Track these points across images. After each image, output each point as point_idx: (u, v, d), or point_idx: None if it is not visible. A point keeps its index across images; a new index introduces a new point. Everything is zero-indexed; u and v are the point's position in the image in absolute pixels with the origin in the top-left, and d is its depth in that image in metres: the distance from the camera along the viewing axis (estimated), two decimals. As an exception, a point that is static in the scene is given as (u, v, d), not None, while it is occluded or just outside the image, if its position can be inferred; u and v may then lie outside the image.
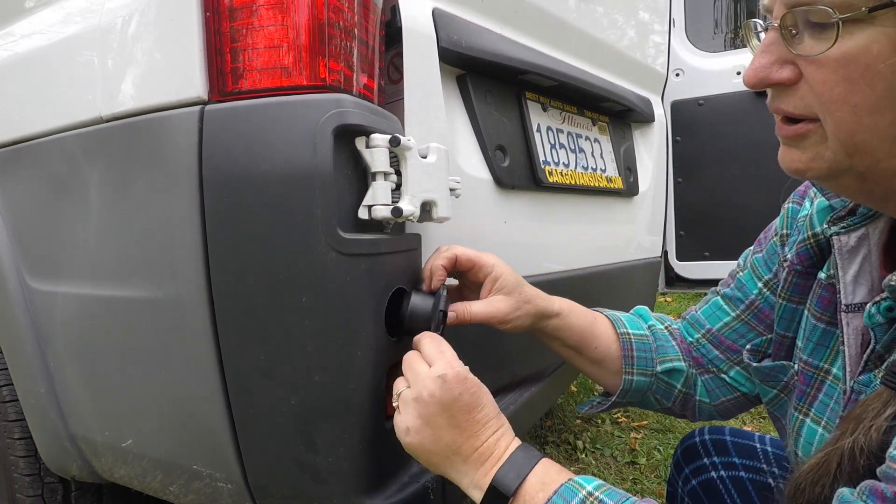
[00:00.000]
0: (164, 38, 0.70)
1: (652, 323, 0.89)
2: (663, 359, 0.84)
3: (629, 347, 0.84)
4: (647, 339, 0.85)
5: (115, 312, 0.80)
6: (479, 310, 0.76)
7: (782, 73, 0.49)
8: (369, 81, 0.73)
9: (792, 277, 0.70)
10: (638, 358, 0.83)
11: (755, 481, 0.91)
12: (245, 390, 0.70)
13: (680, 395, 0.85)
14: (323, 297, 0.65)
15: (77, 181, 0.82)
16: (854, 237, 0.60)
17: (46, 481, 1.05)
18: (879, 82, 0.43)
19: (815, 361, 0.66)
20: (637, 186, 1.61)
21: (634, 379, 0.83)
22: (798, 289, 0.70)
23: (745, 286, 0.81)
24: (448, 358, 0.63)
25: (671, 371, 0.84)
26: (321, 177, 0.63)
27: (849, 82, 0.44)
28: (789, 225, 0.75)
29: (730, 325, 0.82)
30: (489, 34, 1.02)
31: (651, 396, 0.85)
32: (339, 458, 0.70)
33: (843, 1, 0.42)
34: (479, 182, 1.01)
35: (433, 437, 0.62)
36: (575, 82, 1.23)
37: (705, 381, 0.85)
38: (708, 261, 2.07)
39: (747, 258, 0.83)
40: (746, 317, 0.80)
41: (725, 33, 2.19)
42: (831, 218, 0.62)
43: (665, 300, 4.70)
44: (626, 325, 0.86)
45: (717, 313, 0.84)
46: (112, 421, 0.86)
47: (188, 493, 0.82)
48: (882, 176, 0.48)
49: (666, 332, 0.88)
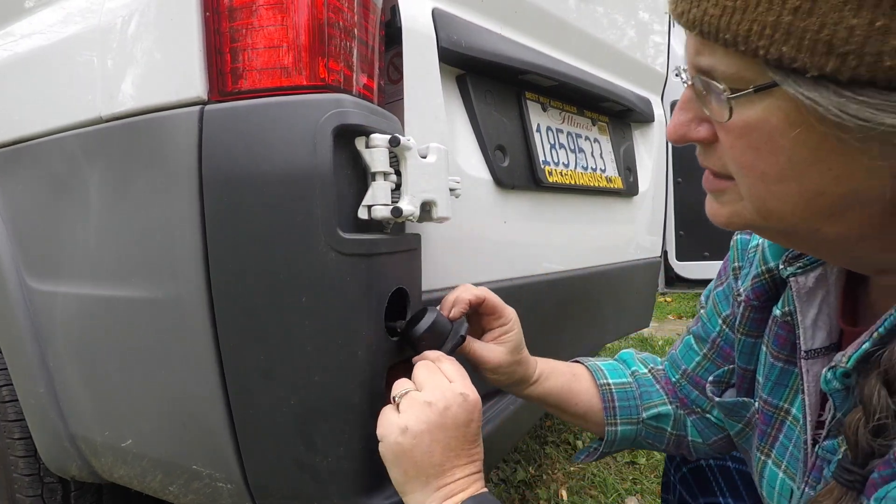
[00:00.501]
0: (164, 37, 0.70)
1: (635, 368, 0.88)
2: (648, 405, 0.83)
3: (610, 398, 0.83)
4: (630, 387, 0.85)
5: (114, 312, 0.80)
6: (478, 349, 0.77)
7: (700, 132, 0.49)
8: (369, 81, 0.73)
9: (749, 312, 0.68)
10: (620, 408, 0.83)
11: (741, 472, 0.92)
12: (245, 390, 0.70)
13: (672, 438, 0.84)
14: (323, 298, 0.65)
15: (77, 181, 0.82)
16: (812, 277, 0.58)
17: (46, 481, 1.05)
18: (781, 154, 0.42)
19: (774, 401, 0.65)
20: (637, 186, 1.61)
21: (619, 429, 0.83)
22: (756, 324, 0.68)
23: (707, 324, 0.81)
24: (469, 383, 0.63)
25: (658, 416, 0.83)
26: (321, 177, 0.63)
27: (754, 150, 0.44)
28: (740, 257, 0.73)
29: (701, 364, 0.81)
30: (489, 34, 1.02)
31: (642, 441, 0.85)
32: (339, 458, 0.70)
33: (733, 74, 0.42)
34: (478, 182, 1.01)
35: (427, 449, 0.59)
36: (575, 82, 1.23)
37: (694, 422, 0.84)
38: (708, 261, 2.07)
39: (710, 295, 0.82)
40: (712, 355, 0.80)
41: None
42: (786, 257, 0.60)
43: (665, 300, 4.70)
44: (607, 375, 0.86)
45: (689, 353, 0.83)
46: (112, 421, 0.86)
47: (188, 493, 0.82)
48: (802, 234, 0.47)
49: (649, 377, 0.87)
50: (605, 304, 1.52)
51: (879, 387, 0.43)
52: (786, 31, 0.37)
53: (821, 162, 0.41)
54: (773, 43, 0.38)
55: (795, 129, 0.40)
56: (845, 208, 0.43)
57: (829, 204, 0.43)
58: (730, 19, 0.39)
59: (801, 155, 0.41)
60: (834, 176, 0.41)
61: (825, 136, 0.39)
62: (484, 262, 1.03)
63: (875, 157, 0.38)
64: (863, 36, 0.34)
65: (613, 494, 1.80)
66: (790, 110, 0.40)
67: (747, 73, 0.41)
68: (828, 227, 0.45)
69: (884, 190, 0.40)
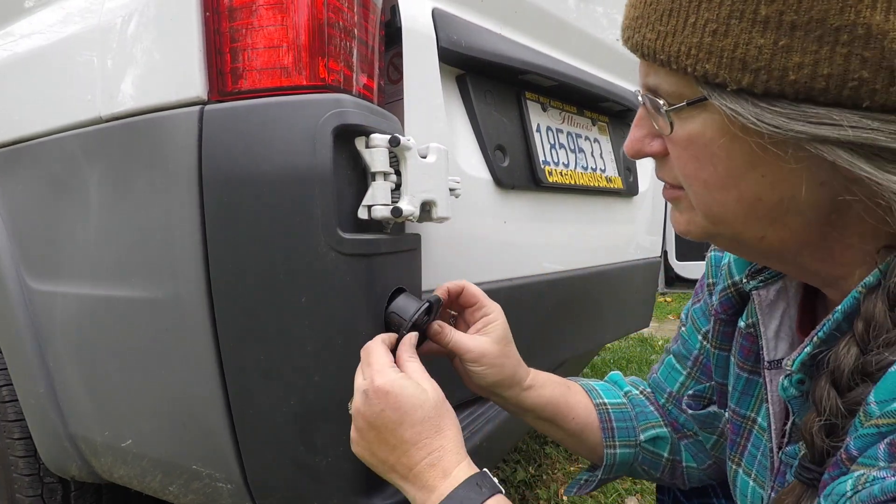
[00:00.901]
0: (164, 37, 0.70)
1: (628, 389, 0.85)
2: (645, 426, 0.81)
3: (607, 418, 0.80)
4: (626, 408, 0.82)
5: (114, 312, 0.80)
6: (460, 339, 0.73)
7: (653, 147, 0.53)
8: (369, 81, 0.73)
9: (719, 326, 0.70)
10: (618, 429, 0.80)
11: None
12: (245, 390, 0.70)
13: (668, 465, 0.81)
14: (323, 297, 0.65)
15: (77, 181, 0.82)
16: (773, 290, 0.61)
17: (46, 481, 1.05)
18: (719, 163, 0.46)
19: (741, 410, 0.66)
20: (637, 186, 1.61)
21: (618, 452, 0.79)
22: (726, 337, 0.69)
23: (688, 341, 0.80)
24: (375, 368, 0.60)
25: (655, 439, 0.80)
26: (321, 177, 0.63)
27: (696, 160, 0.48)
28: (714, 273, 0.74)
29: (685, 384, 0.80)
30: (489, 34, 1.02)
31: (638, 468, 0.81)
32: (339, 458, 0.69)
33: (673, 91, 0.47)
34: (478, 182, 1.01)
35: (369, 451, 0.60)
36: (575, 82, 1.23)
37: (687, 446, 0.81)
38: (708, 261, 2.07)
39: (688, 312, 0.81)
40: (695, 373, 0.79)
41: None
42: (749, 271, 0.63)
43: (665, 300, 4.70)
44: (602, 395, 0.82)
45: (672, 374, 0.82)
46: (112, 421, 0.86)
47: (188, 493, 0.82)
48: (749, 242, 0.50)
49: (642, 398, 0.85)
50: (604, 304, 1.52)
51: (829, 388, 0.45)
52: (707, 51, 0.42)
53: (754, 169, 0.45)
54: (699, 61, 0.43)
55: (726, 139, 0.45)
56: (784, 214, 0.46)
57: (768, 209, 0.46)
58: (663, 42, 0.45)
59: (735, 163, 0.46)
60: (768, 182, 0.45)
61: (751, 144, 0.43)
62: (484, 262, 1.03)
63: (790, 162, 0.42)
64: (769, 54, 0.40)
65: (613, 494, 1.80)
66: (721, 122, 0.44)
67: (684, 90, 0.46)
68: (771, 234, 0.48)
69: (816, 198, 0.44)
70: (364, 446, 0.61)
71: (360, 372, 0.62)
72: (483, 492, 0.56)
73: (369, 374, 0.60)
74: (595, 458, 0.82)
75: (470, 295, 0.77)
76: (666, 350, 0.86)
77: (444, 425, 0.60)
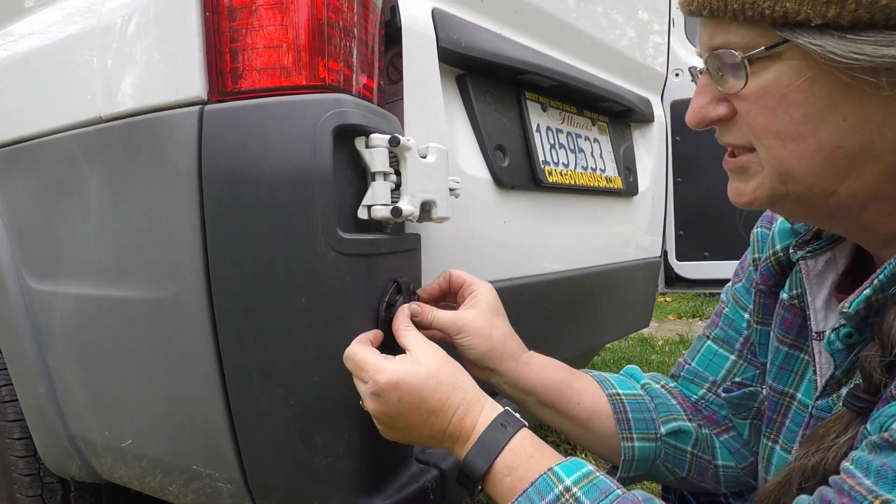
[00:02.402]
0: (164, 37, 0.70)
1: (646, 382, 0.80)
2: (666, 418, 0.75)
3: (622, 409, 0.74)
4: (643, 399, 0.76)
5: (114, 312, 0.80)
6: (442, 316, 0.72)
7: (718, 111, 0.53)
8: (369, 81, 0.73)
9: (759, 298, 0.68)
10: (635, 420, 0.74)
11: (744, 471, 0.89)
12: (245, 390, 0.70)
13: (694, 461, 0.75)
14: (322, 297, 0.65)
15: (77, 181, 0.82)
16: (821, 261, 0.60)
17: (46, 481, 1.05)
18: (796, 110, 0.46)
19: (779, 386, 0.65)
20: (636, 186, 1.61)
21: (636, 446, 0.73)
22: (766, 310, 0.68)
23: (734, 322, 0.76)
24: (371, 369, 0.60)
25: (677, 432, 0.74)
26: (321, 177, 0.63)
27: (770, 111, 0.47)
28: (760, 248, 0.73)
29: (732, 370, 0.75)
30: (489, 34, 1.02)
31: (661, 465, 0.75)
32: (339, 458, 0.69)
33: (746, 43, 0.46)
34: (478, 182, 1.01)
35: (403, 434, 0.63)
36: (574, 82, 1.23)
37: (725, 442, 0.75)
38: (708, 261, 2.07)
39: (728, 293, 0.78)
40: (746, 354, 0.74)
41: (725, 33, 2.18)
42: (797, 242, 0.62)
43: (665, 300, 4.70)
44: (616, 385, 0.77)
45: (714, 361, 0.77)
46: (112, 421, 0.86)
47: (187, 493, 0.82)
48: (818, 199, 0.50)
49: (664, 391, 0.79)
50: (604, 304, 1.52)
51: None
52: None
53: (834, 112, 0.45)
54: (777, 2, 0.42)
55: (805, 81, 0.44)
56: (861, 163, 0.46)
57: (845, 158, 0.46)
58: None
59: (814, 107, 0.45)
60: (850, 125, 0.45)
61: (836, 82, 0.43)
62: (484, 262, 1.03)
63: (885, 89, 0.42)
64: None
65: (613, 494, 1.79)
66: (800, 65, 0.44)
67: (759, 39, 0.45)
68: (843, 188, 0.48)
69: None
70: (396, 434, 0.63)
71: (357, 380, 0.63)
72: (508, 431, 0.58)
73: (369, 376, 0.60)
74: (612, 456, 0.76)
75: (456, 279, 0.77)
76: (700, 338, 0.81)
77: (457, 380, 0.62)
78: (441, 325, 0.72)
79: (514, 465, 0.56)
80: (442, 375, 0.61)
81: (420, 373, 0.60)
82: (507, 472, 0.56)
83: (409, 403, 0.60)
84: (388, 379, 0.59)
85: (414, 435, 0.62)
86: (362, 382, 0.62)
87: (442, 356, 0.63)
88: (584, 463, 0.56)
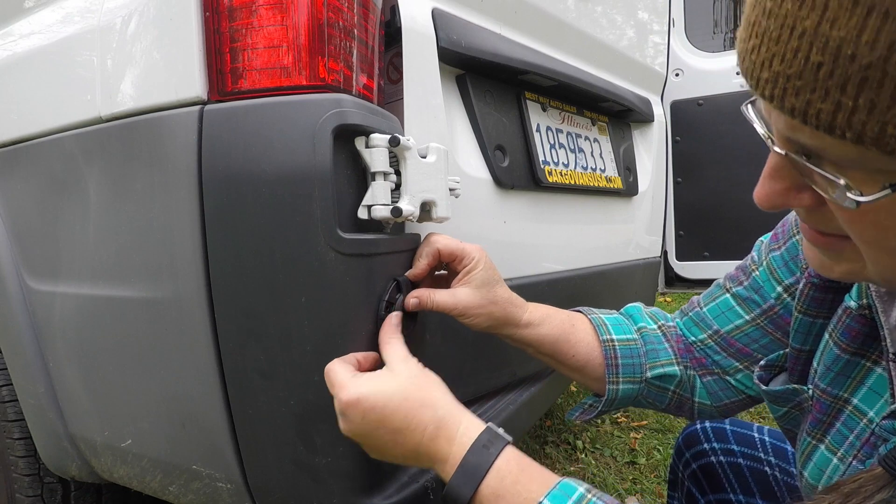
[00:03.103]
0: (164, 37, 0.70)
1: (642, 324, 0.83)
2: (654, 364, 0.79)
3: (613, 355, 0.79)
4: (636, 344, 0.80)
5: (114, 312, 0.80)
6: (441, 299, 0.73)
7: (802, 200, 0.44)
8: (369, 81, 0.73)
9: (809, 290, 0.64)
10: (623, 366, 0.79)
11: (753, 469, 0.90)
12: (244, 390, 0.70)
13: (675, 398, 0.81)
14: (322, 297, 0.65)
15: (76, 181, 0.82)
16: None
17: (46, 481, 1.05)
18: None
19: (833, 391, 0.61)
20: (636, 186, 1.61)
21: (620, 388, 0.79)
22: (815, 302, 0.64)
23: (762, 288, 0.74)
24: (337, 387, 0.60)
25: (663, 376, 0.79)
26: (320, 177, 0.63)
27: (880, 229, 0.40)
28: None
29: (742, 328, 0.76)
30: (488, 34, 1.02)
31: (643, 400, 0.82)
32: (339, 458, 0.69)
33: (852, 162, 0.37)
34: (478, 182, 1.01)
35: (381, 453, 0.62)
36: (574, 82, 1.23)
37: (707, 383, 0.80)
38: (708, 261, 2.07)
39: (762, 253, 0.76)
40: (762, 322, 0.74)
41: (725, 33, 2.19)
42: None
43: (665, 300, 4.70)
44: (611, 331, 0.81)
45: (726, 314, 0.78)
46: (111, 421, 0.86)
47: (187, 493, 0.82)
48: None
49: (658, 334, 0.83)
50: (604, 304, 1.52)
51: None
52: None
53: None
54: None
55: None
56: None
57: None
58: (850, 118, 0.34)
59: None
60: None
61: None
62: (484, 262, 1.03)
63: None
64: None
65: (613, 494, 1.79)
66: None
67: (871, 162, 0.36)
68: None
69: None
70: (376, 454, 0.62)
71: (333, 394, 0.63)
72: (491, 452, 0.56)
73: (335, 392, 0.61)
74: (599, 389, 0.82)
75: (444, 250, 0.76)
76: (719, 286, 0.80)
77: (428, 396, 0.59)
78: (443, 310, 0.74)
79: (500, 491, 0.54)
80: (410, 391, 0.59)
81: (384, 390, 0.59)
82: (494, 499, 0.54)
83: (371, 422, 0.58)
84: (347, 397, 0.59)
85: (391, 454, 0.61)
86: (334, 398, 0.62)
87: (416, 371, 0.61)
88: (574, 487, 0.54)
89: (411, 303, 0.72)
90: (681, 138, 2.02)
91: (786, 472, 0.90)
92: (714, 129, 1.99)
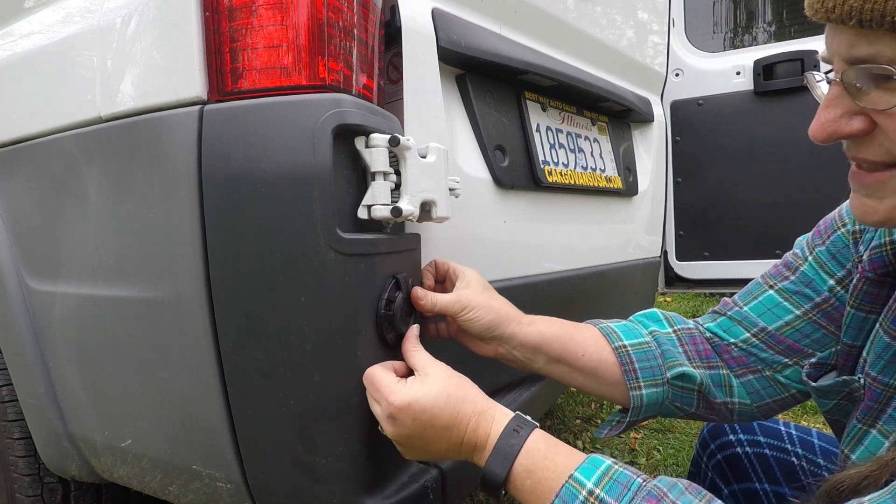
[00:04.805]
0: (164, 37, 0.70)
1: (653, 328, 0.82)
2: (671, 363, 0.78)
3: (628, 360, 0.77)
4: (650, 346, 0.79)
5: (114, 312, 0.80)
6: (441, 298, 0.76)
7: (853, 126, 0.48)
8: (369, 81, 0.73)
9: (863, 285, 0.65)
10: (642, 369, 0.77)
11: (780, 460, 0.89)
12: (244, 390, 0.70)
13: (701, 399, 0.79)
14: (322, 297, 0.65)
15: (76, 181, 0.82)
16: None
17: (46, 481, 1.05)
18: None
19: (885, 379, 0.62)
20: (636, 186, 1.61)
21: (644, 393, 0.77)
22: (869, 297, 0.64)
23: (812, 282, 0.73)
24: (385, 391, 0.63)
25: (683, 375, 0.77)
26: (320, 176, 0.63)
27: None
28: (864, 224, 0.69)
29: (792, 324, 0.74)
30: (488, 34, 1.02)
31: (670, 405, 0.79)
32: (339, 458, 0.69)
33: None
34: (478, 182, 1.01)
35: (423, 452, 0.65)
36: (574, 82, 1.23)
37: (747, 383, 0.78)
38: (708, 261, 2.07)
39: (806, 249, 0.75)
40: (814, 315, 0.73)
41: (725, 33, 2.19)
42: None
43: (665, 300, 4.70)
44: (622, 337, 0.80)
45: (773, 310, 0.76)
46: (111, 421, 0.86)
47: (187, 493, 0.82)
48: None
49: (673, 337, 0.81)
50: (604, 304, 1.52)
51: None
52: None
53: None
54: None
55: None
56: None
57: None
58: None
59: None
60: None
61: None
62: (483, 262, 1.03)
63: None
64: None
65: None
66: None
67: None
68: None
69: None
70: (416, 453, 0.66)
71: (372, 401, 0.66)
72: (521, 434, 0.61)
73: (382, 396, 0.63)
74: (622, 400, 0.80)
75: (441, 266, 0.81)
76: (758, 285, 0.80)
77: (467, 393, 0.64)
78: (444, 307, 0.76)
79: (531, 467, 0.59)
80: (451, 390, 0.63)
81: (430, 391, 0.63)
82: (526, 475, 0.58)
83: (423, 422, 0.62)
84: (401, 401, 0.62)
85: (433, 451, 0.64)
86: (377, 404, 0.65)
87: (449, 372, 0.66)
88: (601, 459, 0.57)
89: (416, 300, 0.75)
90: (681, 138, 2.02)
91: (813, 464, 0.89)
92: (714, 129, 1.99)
